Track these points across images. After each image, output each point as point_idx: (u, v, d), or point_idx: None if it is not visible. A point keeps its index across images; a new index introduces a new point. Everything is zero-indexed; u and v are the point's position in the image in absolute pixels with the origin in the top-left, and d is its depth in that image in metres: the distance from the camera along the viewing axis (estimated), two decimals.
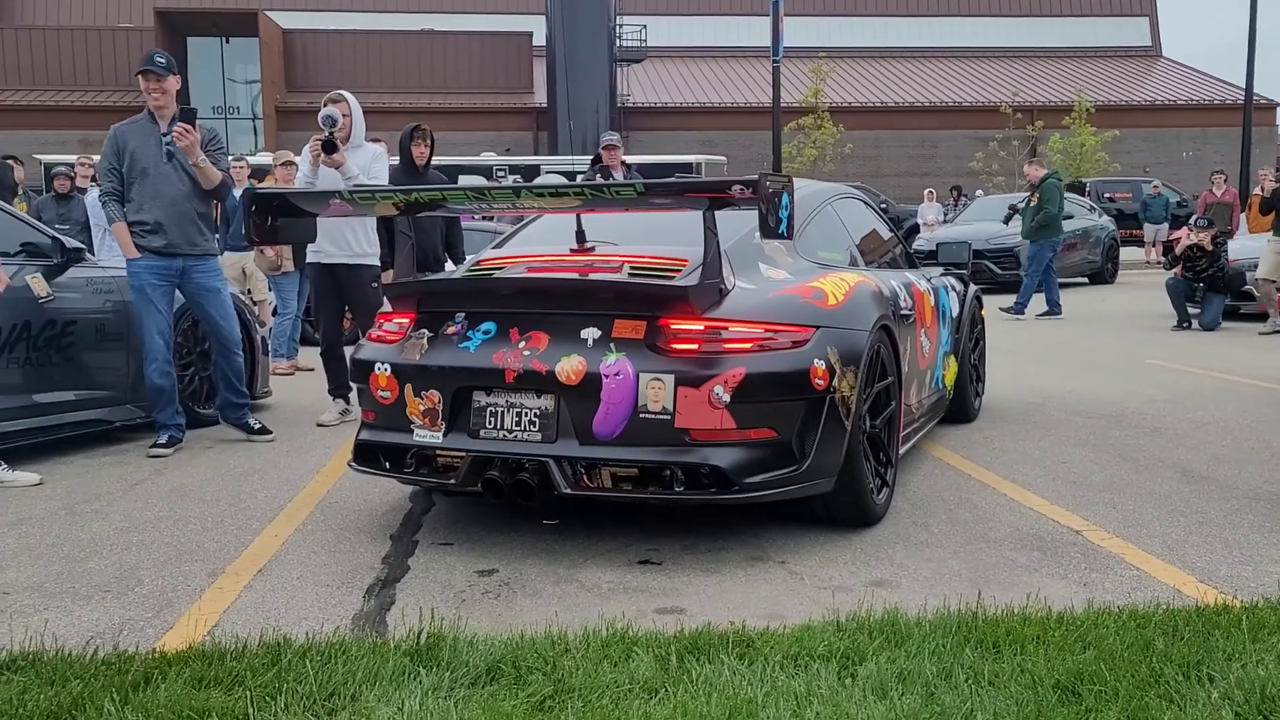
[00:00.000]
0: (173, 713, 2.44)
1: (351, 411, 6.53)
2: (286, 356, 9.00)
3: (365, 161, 6.30)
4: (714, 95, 38.83)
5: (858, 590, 3.42)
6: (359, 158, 6.27)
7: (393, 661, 2.72)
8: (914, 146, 37.93)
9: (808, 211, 4.66)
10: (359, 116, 6.37)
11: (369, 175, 6.23)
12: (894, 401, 4.43)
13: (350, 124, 6.27)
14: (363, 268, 6.38)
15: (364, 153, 6.35)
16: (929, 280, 5.68)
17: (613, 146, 9.35)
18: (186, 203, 5.61)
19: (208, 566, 3.73)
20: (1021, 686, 2.57)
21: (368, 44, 37.30)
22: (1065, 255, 17.51)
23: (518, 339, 3.78)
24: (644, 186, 3.72)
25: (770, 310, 3.82)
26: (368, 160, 6.33)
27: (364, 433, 4.13)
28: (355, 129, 6.33)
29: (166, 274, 5.62)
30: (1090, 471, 5.03)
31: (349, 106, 6.28)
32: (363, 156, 6.31)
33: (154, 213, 5.54)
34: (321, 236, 6.42)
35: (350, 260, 6.34)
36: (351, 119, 6.28)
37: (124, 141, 5.60)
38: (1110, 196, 25.45)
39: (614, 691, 2.56)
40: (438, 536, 4.08)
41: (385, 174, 6.45)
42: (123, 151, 5.58)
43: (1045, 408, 6.75)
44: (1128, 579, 3.52)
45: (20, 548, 3.97)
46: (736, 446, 3.64)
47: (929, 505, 4.46)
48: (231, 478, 5.10)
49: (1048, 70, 42.09)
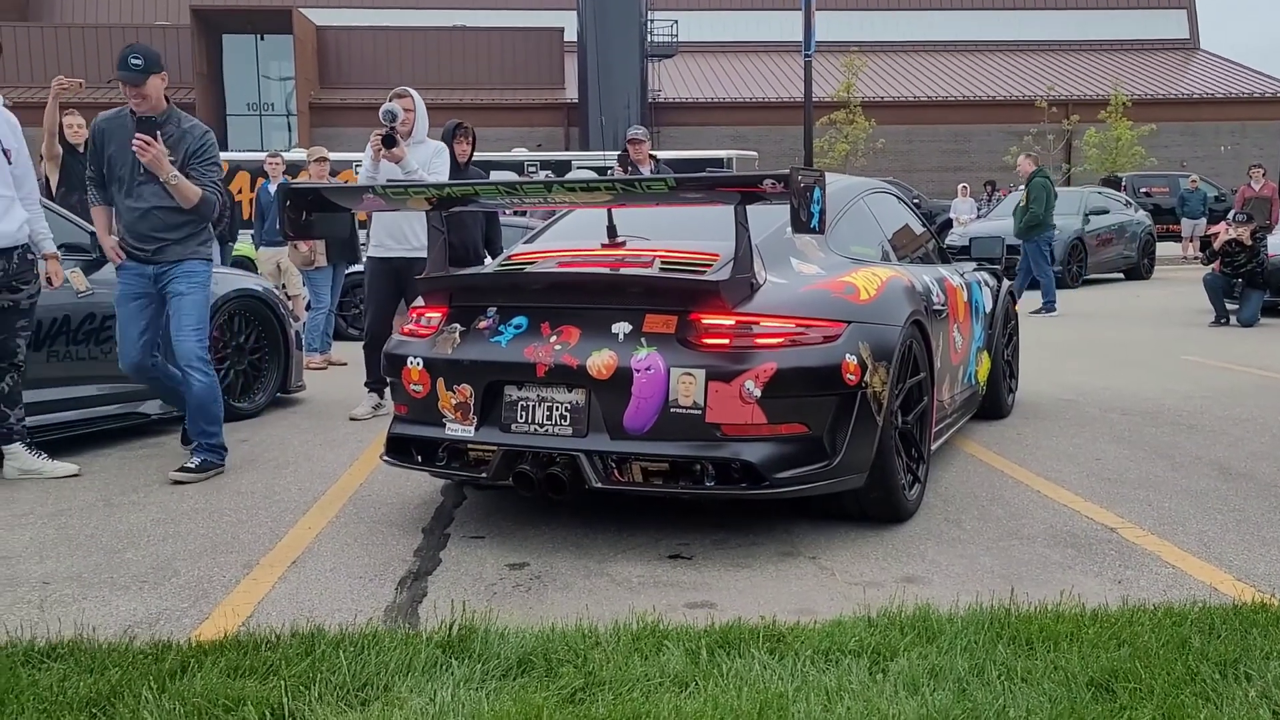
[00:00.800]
0: (209, 701, 2.47)
1: (384, 406, 6.58)
2: (320, 351, 9.08)
3: (426, 157, 6.35)
4: (745, 90, 38.70)
5: (889, 586, 3.41)
6: (420, 153, 6.32)
7: (425, 653, 2.74)
8: (947, 141, 37.63)
9: (840, 206, 4.65)
10: (422, 113, 6.44)
11: (429, 171, 6.28)
12: (926, 397, 4.41)
13: (413, 119, 6.34)
14: (421, 261, 6.42)
15: (425, 148, 6.40)
16: (962, 275, 5.64)
17: (638, 141, 9.34)
18: (160, 214, 4.93)
19: (242, 558, 3.77)
20: (1055, 683, 2.55)
21: (400, 40, 37.47)
22: (1100, 250, 17.38)
23: (549, 333, 3.79)
24: (675, 181, 3.72)
25: (802, 305, 3.81)
26: (428, 156, 6.37)
27: (396, 426, 4.16)
28: (418, 125, 6.39)
29: (142, 290, 5.02)
30: (1125, 468, 4.98)
31: (412, 102, 6.35)
32: (424, 152, 6.36)
33: (128, 220, 4.99)
34: (381, 231, 6.50)
35: (409, 254, 6.38)
36: (415, 115, 6.35)
37: (103, 142, 5.02)
38: (1147, 191, 25.14)
39: (644, 685, 2.57)
40: (469, 530, 4.10)
41: (446, 170, 6.50)
42: (101, 151, 5.03)
43: (1079, 404, 6.69)
44: (1163, 576, 3.49)
45: (60, 538, 4.03)
46: (767, 441, 3.64)
47: (961, 501, 4.44)
48: (266, 470, 5.15)
49: (1083, 63, 41.63)
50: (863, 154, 32.02)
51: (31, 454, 5.04)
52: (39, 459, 5.05)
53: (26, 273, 4.97)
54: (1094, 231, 17.27)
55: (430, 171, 6.27)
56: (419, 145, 6.36)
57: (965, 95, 38.49)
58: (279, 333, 6.87)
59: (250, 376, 6.74)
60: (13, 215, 4.87)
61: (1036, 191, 13.06)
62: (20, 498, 4.64)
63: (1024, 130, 33.97)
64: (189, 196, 4.92)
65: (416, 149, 6.31)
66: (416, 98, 6.41)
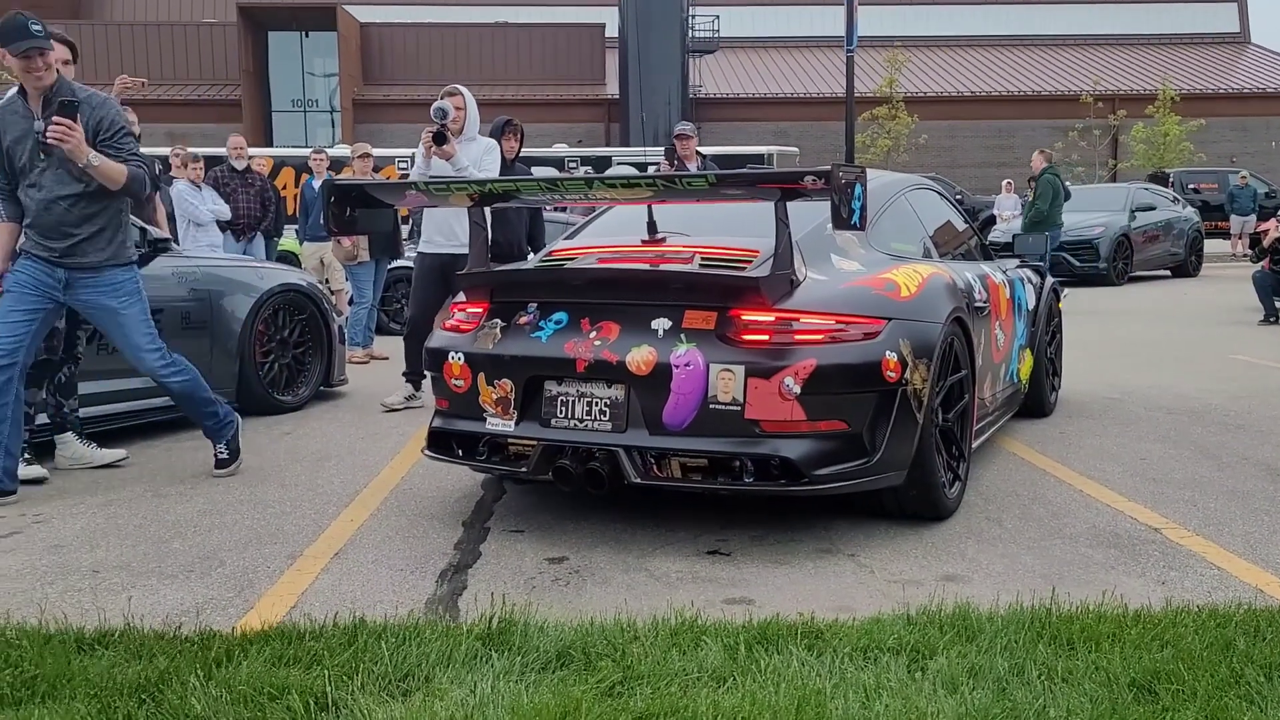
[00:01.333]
0: (253, 689, 2.51)
1: (418, 398, 6.66)
2: (362, 345, 9.18)
3: (477, 154, 6.41)
4: (787, 86, 38.53)
5: (928, 584, 3.39)
6: (471, 150, 6.38)
7: (465, 645, 2.76)
8: (990, 136, 37.26)
9: (881, 202, 4.63)
10: (473, 110, 6.50)
11: (479, 168, 6.34)
12: (967, 395, 4.38)
13: (464, 117, 6.41)
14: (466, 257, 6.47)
15: (476, 146, 6.46)
16: (1004, 272, 5.60)
17: (686, 136, 9.34)
18: (67, 203, 4.47)
19: (286, 549, 3.83)
20: (1096, 684, 2.53)
21: (442, 37, 37.69)
22: (1147, 247, 17.16)
23: (589, 329, 3.81)
24: (716, 178, 3.73)
25: (842, 302, 3.80)
26: (479, 153, 6.43)
27: (438, 420, 4.20)
28: (469, 122, 6.46)
29: (39, 282, 4.52)
30: (1170, 468, 4.92)
31: (463, 100, 6.42)
32: (475, 149, 6.42)
33: (31, 213, 4.52)
34: (430, 227, 6.57)
35: (457, 250, 6.43)
36: (465, 112, 6.42)
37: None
38: (1195, 187, 24.77)
39: (682, 679, 2.58)
40: (509, 524, 4.13)
41: (496, 167, 6.56)
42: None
43: (1124, 403, 6.61)
44: (1208, 578, 3.45)
45: (109, 528, 4.11)
46: (807, 438, 3.63)
47: (1002, 500, 4.41)
48: (309, 463, 5.22)
49: (1130, 58, 41.05)
50: (905, 150, 31.79)
51: (82, 443, 5.16)
52: (89, 447, 5.16)
53: None
54: (1140, 228, 17.05)
55: (480, 169, 6.33)
56: (470, 143, 6.43)
57: (1009, 90, 38.09)
58: (322, 327, 6.95)
59: (294, 370, 6.82)
60: None
61: (1043, 188, 13.18)
62: (71, 488, 4.74)
63: (1069, 125, 33.60)
64: (115, 177, 4.41)
65: (468, 146, 6.37)
66: (468, 96, 6.48)
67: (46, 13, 28.35)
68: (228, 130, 17.76)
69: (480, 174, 6.23)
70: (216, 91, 35.82)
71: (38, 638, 2.81)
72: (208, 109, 34.97)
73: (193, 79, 36.06)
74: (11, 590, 3.39)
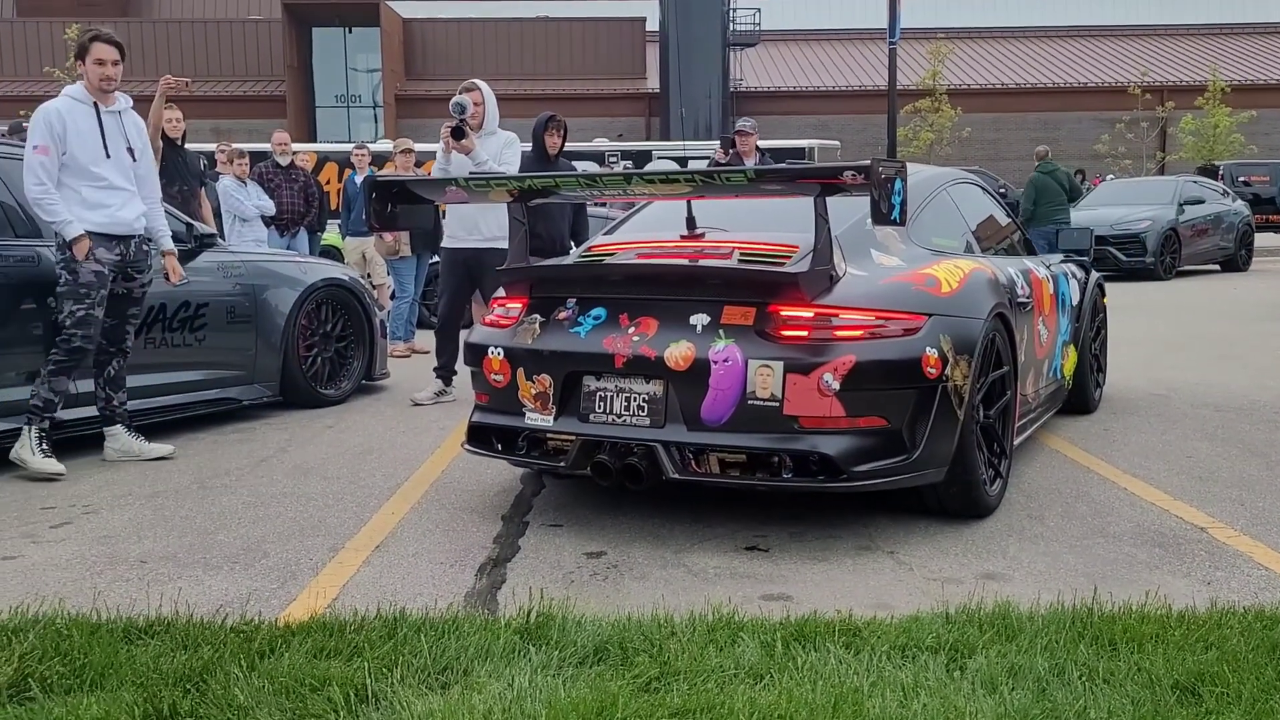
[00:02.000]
0: (295, 680, 2.54)
1: (449, 393, 6.72)
2: (404, 339, 9.25)
3: (496, 148, 6.45)
4: (828, 79, 38.30)
5: (968, 582, 3.37)
6: (491, 144, 6.43)
7: (503, 639, 2.78)
8: (1036, 129, 36.79)
9: (922, 197, 4.59)
10: (492, 104, 6.54)
11: (499, 161, 6.38)
12: (1009, 391, 4.34)
13: (483, 112, 6.45)
14: (491, 251, 6.52)
15: (496, 140, 6.50)
16: (1048, 267, 5.53)
17: (746, 133, 9.34)
18: None
19: (329, 541, 3.87)
20: (1138, 685, 2.50)
21: (484, 32, 37.86)
22: (1195, 241, 16.89)
23: (627, 324, 3.81)
24: (755, 173, 3.72)
25: (882, 297, 3.78)
26: (498, 147, 6.47)
27: (477, 415, 4.23)
28: (488, 116, 6.50)
29: None
30: (1217, 466, 4.85)
31: (481, 95, 6.46)
32: (494, 143, 6.47)
33: None
34: (454, 222, 6.62)
35: (480, 244, 6.50)
36: (484, 107, 6.46)
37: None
38: (1246, 180, 24.31)
39: (719, 675, 2.58)
40: (548, 518, 4.15)
41: (517, 160, 6.59)
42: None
43: (1170, 399, 6.51)
44: (1255, 578, 3.39)
45: (156, 519, 4.18)
46: (846, 434, 3.62)
47: (1044, 498, 4.36)
48: (351, 456, 5.27)
49: (1179, 48, 40.38)
50: (948, 143, 31.48)
51: (130, 436, 5.25)
52: (137, 441, 5.24)
53: (141, 263, 5.18)
54: (1189, 222, 16.79)
55: (501, 162, 6.37)
56: (490, 137, 6.47)
57: (1054, 82, 37.61)
58: (364, 321, 7.02)
59: (336, 364, 6.90)
60: (131, 207, 5.09)
61: (1027, 187, 13.33)
62: (119, 480, 4.82)
63: (1116, 118, 33.14)
64: None
65: (487, 140, 6.42)
66: (486, 90, 6.51)
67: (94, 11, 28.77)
68: (272, 126, 17.95)
69: (501, 168, 6.26)
70: (261, 87, 36.22)
71: (86, 627, 2.86)
72: (253, 105, 35.38)
73: (238, 75, 36.49)
74: (63, 579, 3.47)
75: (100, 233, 4.96)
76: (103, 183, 4.98)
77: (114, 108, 5.10)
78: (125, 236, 5.08)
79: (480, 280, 6.59)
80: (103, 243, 4.97)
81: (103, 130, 5.01)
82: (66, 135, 4.89)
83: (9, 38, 36.58)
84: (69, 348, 4.94)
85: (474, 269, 6.56)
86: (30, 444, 4.86)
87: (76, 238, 4.86)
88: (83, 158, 4.93)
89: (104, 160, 4.99)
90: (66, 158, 4.90)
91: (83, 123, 4.95)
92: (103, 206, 4.98)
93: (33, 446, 4.86)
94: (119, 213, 5.03)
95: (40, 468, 4.82)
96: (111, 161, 5.02)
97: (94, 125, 4.98)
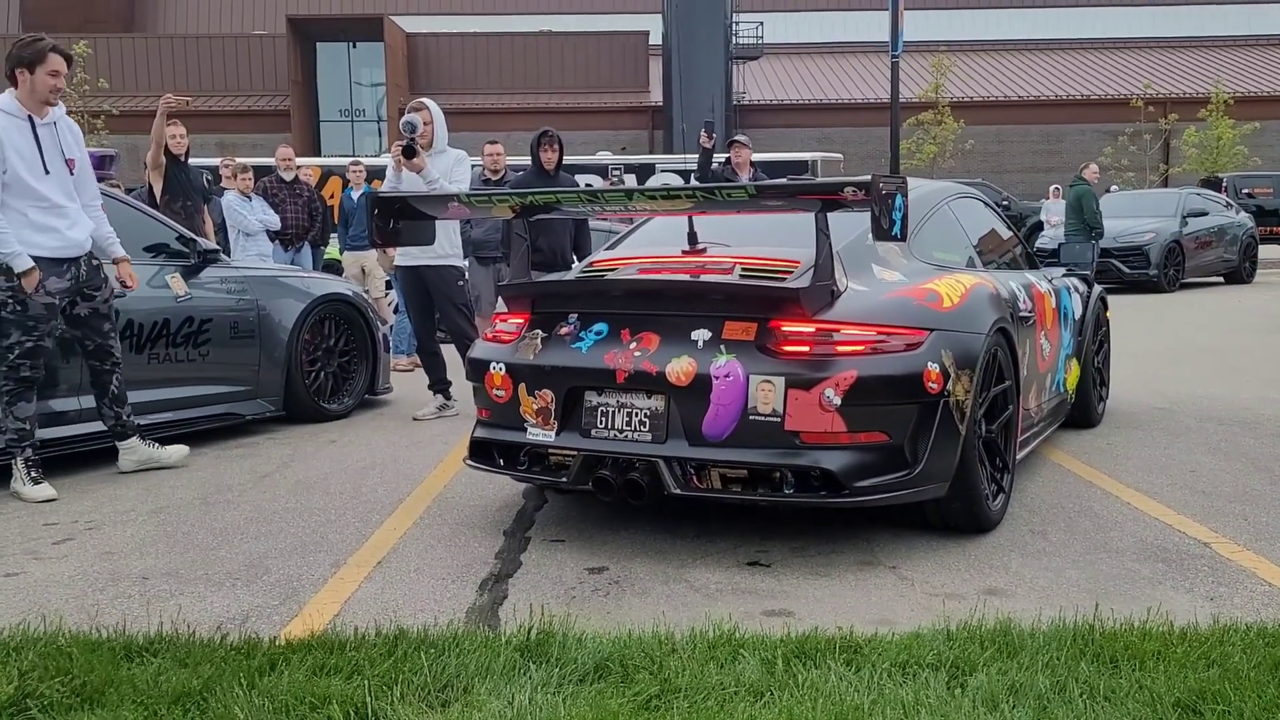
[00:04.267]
0: (296, 699, 2.54)
1: (451, 407, 6.74)
2: (407, 353, 9.26)
3: (446, 166, 6.50)
4: (831, 92, 38.37)
5: (970, 598, 3.36)
6: (441, 162, 6.48)
7: (504, 656, 2.78)
8: (1038, 141, 36.84)
9: (923, 212, 4.60)
10: (441, 123, 6.59)
11: (449, 179, 6.42)
12: (1011, 406, 4.34)
13: (431, 131, 6.49)
14: (445, 268, 6.58)
15: (446, 158, 6.55)
16: (1050, 281, 5.53)
17: (741, 145, 9.37)
18: None
19: (331, 557, 3.87)
20: (1139, 703, 2.49)
21: (487, 46, 37.97)
22: (1199, 253, 16.89)
23: (629, 340, 3.82)
24: (755, 188, 3.72)
25: (883, 312, 3.78)
26: (449, 164, 6.52)
27: (479, 430, 4.23)
28: (437, 135, 6.55)
29: None
30: (1221, 481, 4.84)
31: (430, 114, 6.51)
32: (444, 161, 6.52)
33: None
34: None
35: (432, 261, 6.56)
36: (433, 126, 6.50)
37: None
38: (1249, 192, 24.31)
39: (719, 693, 2.58)
40: (549, 533, 4.15)
41: (467, 178, 6.63)
42: None
43: (1174, 413, 6.50)
44: (1258, 595, 3.38)
45: (158, 535, 4.19)
46: (847, 450, 3.62)
47: (1047, 512, 4.35)
48: (353, 471, 5.28)
49: (1182, 60, 40.41)
50: (951, 155, 31.51)
51: (146, 444, 5.30)
52: (153, 448, 5.31)
53: (95, 278, 5.06)
54: (1192, 234, 16.79)
55: (451, 179, 6.43)
56: (440, 155, 6.53)
57: (1057, 94, 37.64)
58: (367, 335, 7.03)
59: (339, 378, 6.91)
60: (81, 226, 4.96)
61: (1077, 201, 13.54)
62: (122, 495, 4.83)
63: (1119, 130, 33.15)
64: None
65: (437, 158, 6.47)
66: (434, 109, 6.57)
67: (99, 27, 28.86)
68: (277, 140, 17.98)
69: (452, 185, 6.31)
70: (266, 102, 36.32)
71: (87, 645, 2.86)
72: (257, 119, 35.48)
73: (242, 90, 36.61)
74: (64, 596, 3.47)
75: (51, 258, 4.81)
76: (46, 203, 4.79)
77: (48, 119, 4.86)
78: (76, 257, 4.94)
79: (436, 298, 6.62)
80: (53, 269, 4.82)
81: (39, 144, 4.78)
82: (5, 153, 4.67)
83: None
84: (17, 378, 4.82)
85: (430, 286, 6.60)
86: (20, 476, 4.80)
87: (26, 271, 4.69)
88: (26, 176, 4.72)
89: (44, 177, 4.79)
90: (8, 177, 4.69)
91: (19, 138, 4.74)
92: (51, 230, 4.81)
93: (22, 478, 4.79)
94: (69, 233, 4.88)
95: (34, 496, 4.73)
96: (52, 178, 4.82)
97: (31, 140, 4.76)
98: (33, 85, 4.78)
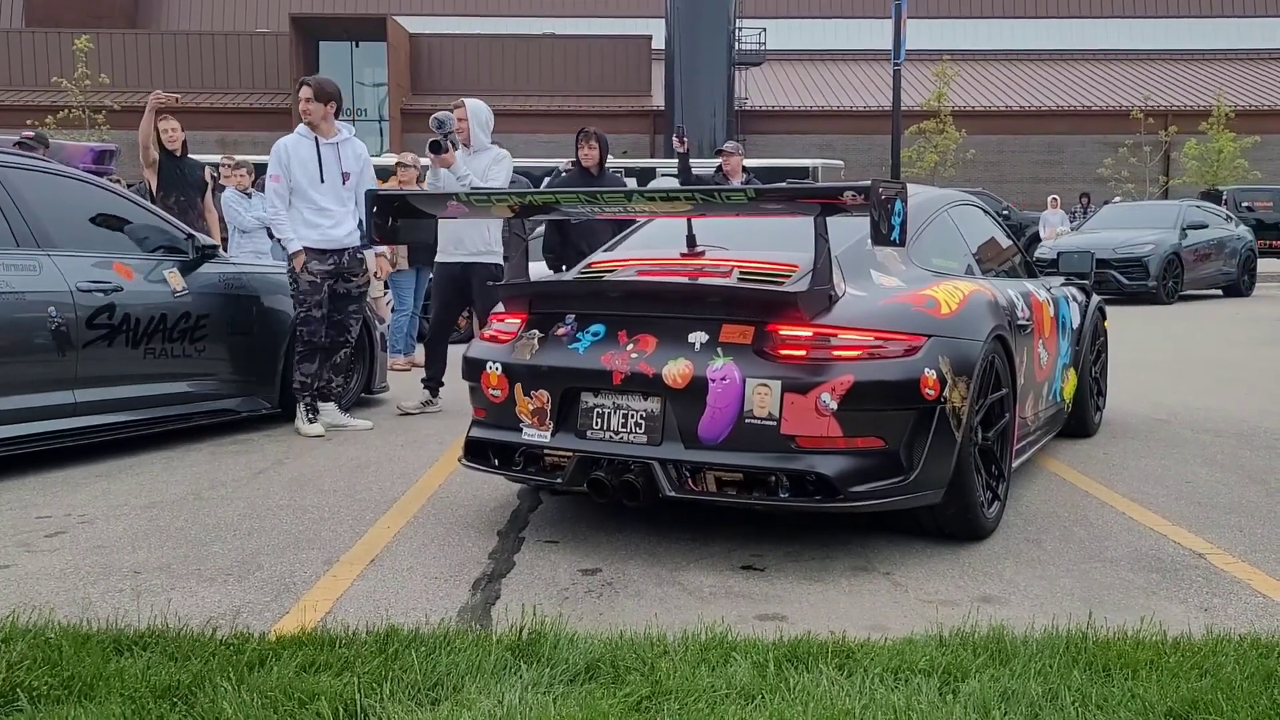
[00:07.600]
0: (284, 695, 2.53)
1: (435, 404, 6.79)
2: (404, 353, 9.25)
3: (482, 165, 6.53)
4: (833, 99, 38.42)
5: (964, 605, 3.35)
6: (476, 162, 6.50)
7: (495, 655, 2.77)
8: (1039, 152, 36.91)
9: (922, 218, 4.59)
10: (480, 122, 6.63)
11: (484, 178, 6.43)
12: (1008, 413, 4.33)
13: (466, 129, 6.56)
14: (478, 265, 6.61)
15: (484, 156, 6.57)
16: (1049, 290, 5.53)
17: (727, 153, 9.38)
18: None
19: (324, 554, 3.86)
20: (1131, 712, 2.49)
21: (490, 48, 38.02)
22: (1198, 266, 16.89)
23: (626, 341, 3.81)
24: (755, 192, 3.72)
25: (881, 318, 3.78)
26: (485, 164, 6.54)
27: (475, 430, 4.22)
28: (474, 133, 6.60)
29: None
30: (1216, 492, 4.83)
31: (466, 112, 6.56)
32: (482, 160, 6.53)
33: None
34: (444, 237, 6.68)
35: (468, 259, 6.61)
36: (468, 124, 6.55)
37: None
38: (1249, 205, 24.34)
39: (710, 696, 2.57)
40: (544, 534, 4.14)
41: (504, 177, 6.63)
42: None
43: (1171, 424, 6.50)
44: (1252, 606, 3.38)
45: (151, 530, 4.17)
46: (843, 455, 3.61)
47: (1042, 521, 4.35)
48: (348, 469, 5.27)
49: (1183, 73, 40.51)
50: (952, 164, 31.56)
51: (339, 411, 6.24)
52: (345, 416, 6.26)
53: (356, 267, 6.20)
54: (1191, 246, 16.80)
55: (486, 179, 6.46)
56: (479, 153, 6.60)
57: (1059, 105, 37.74)
58: (365, 334, 7.02)
59: None
60: (343, 225, 6.07)
61: None
62: (116, 490, 4.82)
63: (1119, 141, 33.24)
64: None
65: (476, 157, 6.54)
66: (474, 107, 6.67)
67: (104, 24, 28.91)
68: (278, 138, 17.99)
69: (484, 183, 6.37)
70: (268, 100, 36.35)
71: (77, 638, 2.85)
72: (259, 117, 35.50)
73: (245, 87, 36.64)
74: (55, 589, 3.46)
75: (315, 248, 5.84)
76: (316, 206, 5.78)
77: (333, 139, 5.87)
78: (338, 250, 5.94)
79: (470, 294, 6.66)
80: (316, 256, 5.84)
81: (320, 160, 5.72)
82: (291, 167, 5.73)
83: (18, 48, 36.73)
84: (303, 342, 6.02)
85: (463, 283, 6.65)
86: (301, 416, 6.08)
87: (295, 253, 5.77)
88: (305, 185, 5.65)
89: (320, 185, 5.75)
90: (292, 184, 5.70)
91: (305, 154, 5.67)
92: (317, 226, 5.91)
93: (302, 419, 6.07)
94: (331, 230, 5.87)
95: (308, 432, 6.02)
96: (326, 185, 5.76)
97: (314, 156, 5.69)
98: None
